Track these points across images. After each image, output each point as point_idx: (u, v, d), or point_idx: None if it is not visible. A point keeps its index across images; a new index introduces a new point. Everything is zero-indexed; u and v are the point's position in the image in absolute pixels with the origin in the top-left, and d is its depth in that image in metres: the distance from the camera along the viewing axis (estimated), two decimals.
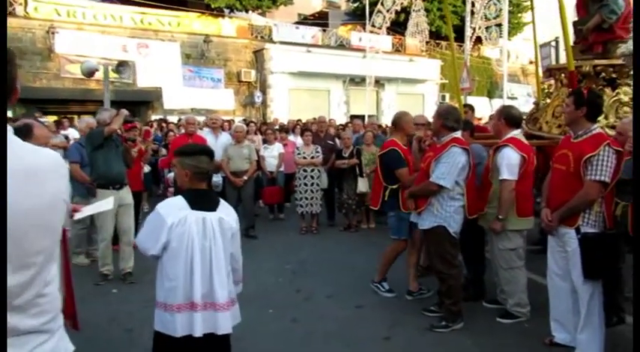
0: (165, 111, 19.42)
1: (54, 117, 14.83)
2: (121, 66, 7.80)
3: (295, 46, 23.00)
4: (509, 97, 18.51)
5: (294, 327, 4.24)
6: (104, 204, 4.18)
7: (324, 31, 25.77)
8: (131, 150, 5.29)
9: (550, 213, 3.52)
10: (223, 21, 22.85)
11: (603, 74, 4.93)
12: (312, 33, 24.68)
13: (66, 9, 19.12)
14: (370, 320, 4.34)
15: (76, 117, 16.07)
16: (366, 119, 18.13)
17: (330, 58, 23.22)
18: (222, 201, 2.74)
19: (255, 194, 8.01)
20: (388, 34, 26.10)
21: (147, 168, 8.39)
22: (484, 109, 21.52)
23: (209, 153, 2.74)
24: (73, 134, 10.15)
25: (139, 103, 20.15)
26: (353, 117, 18.98)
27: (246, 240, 7.20)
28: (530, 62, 32.92)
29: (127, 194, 5.42)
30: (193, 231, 2.56)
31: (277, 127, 10.79)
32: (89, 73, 7.93)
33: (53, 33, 18.22)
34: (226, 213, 2.71)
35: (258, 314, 4.50)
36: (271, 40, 22.94)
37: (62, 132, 10.52)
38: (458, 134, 4.15)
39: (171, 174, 7.98)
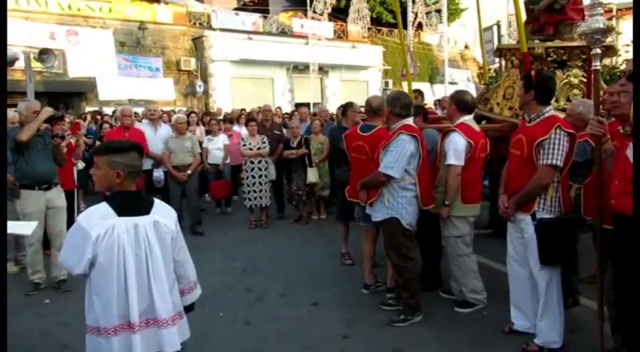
0: (100, 103, 18.40)
1: None
2: (45, 54, 7.18)
3: (236, 33, 22.38)
4: (450, 82, 18.80)
5: (247, 330, 3.99)
6: (23, 226, 3.67)
7: (265, 17, 25.24)
8: (60, 146, 4.79)
9: (507, 199, 3.45)
10: (159, 7, 21.87)
11: (554, 56, 4.91)
12: (252, 19, 24.08)
13: None
14: (326, 319, 4.16)
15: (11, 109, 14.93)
16: (312, 107, 17.96)
17: (272, 46, 22.78)
18: (156, 201, 2.42)
19: (200, 188, 7.65)
20: (330, 20, 25.96)
21: (81, 165, 7.80)
22: (427, 94, 21.82)
23: (139, 149, 2.42)
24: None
25: (72, 95, 19.06)
26: (298, 105, 18.72)
27: (192, 237, 6.91)
28: (466, 47, 33.77)
29: (57, 195, 4.92)
30: (124, 241, 2.23)
31: (221, 117, 10.36)
32: (9, 62, 7.23)
33: None
34: (162, 214, 2.39)
35: (207, 318, 4.22)
36: (210, 27, 22.20)
37: None
38: (409, 120, 4.00)
39: None
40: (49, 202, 4.84)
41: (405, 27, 18.70)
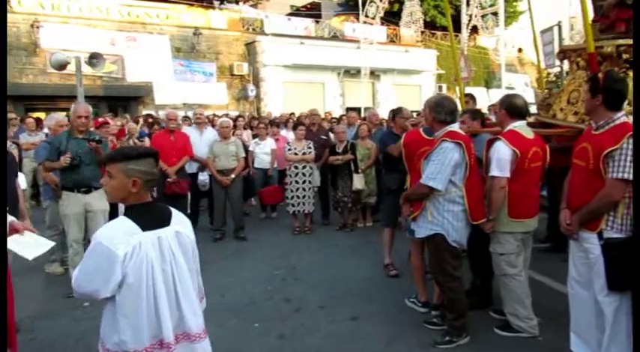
0: (156, 107, 18.91)
1: (42, 114, 14.33)
2: (94, 58, 7.31)
3: (288, 37, 22.47)
4: (507, 87, 18.06)
5: (281, 345, 3.80)
6: (33, 245, 3.05)
7: (317, 22, 25.23)
8: (99, 149, 4.77)
9: (570, 215, 3.10)
10: (213, 13, 22.29)
11: (626, 55, 4.44)
12: (304, 24, 24.13)
13: (50, 2, 18.53)
14: (365, 335, 3.90)
15: (63, 113, 15.57)
16: (362, 112, 17.70)
17: (323, 50, 22.71)
18: (173, 210, 2.27)
19: (245, 192, 7.58)
20: (382, 24, 25.63)
21: None
22: (482, 99, 21.09)
23: (155, 155, 2.25)
24: None
25: (130, 99, 19.69)
26: (349, 109, 18.53)
27: (234, 243, 6.85)
28: (520, 50, 32.46)
29: (95, 199, 4.87)
30: (152, 257, 2.07)
31: (268, 121, 10.31)
32: (60, 66, 7.46)
33: (38, 27, 17.66)
34: (181, 224, 2.24)
35: (241, 328, 4.08)
36: (263, 32, 22.40)
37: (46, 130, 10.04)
38: (454, 127, 3.67)
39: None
40: (88, 205, 4.84)
41: (459, 30, 18.10)
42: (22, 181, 4.83)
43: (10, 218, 3.05)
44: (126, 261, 2.00)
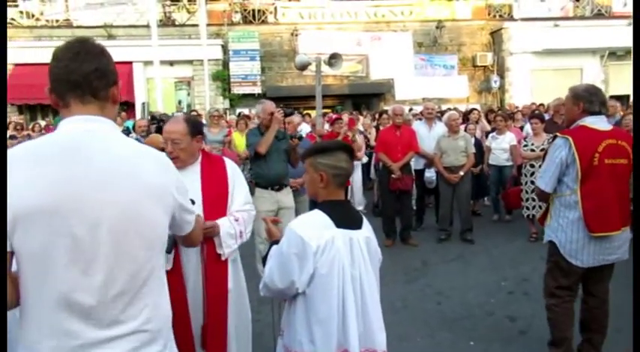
0: (396, 103, 19.33)
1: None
2: (333, 58, 7.68)
3: (540, 21, 20.33)
4: None
5: None
6: None
7: (578, 0, 22.20)
8: (297, 148, 4.86)
9: None
10: (458, 3, 21.57)
11: None
12: (560, 4, 21.46)
13: (308, 11, 20.54)
14: None
15: (313, 112, 17.12)
16: (631, 100, 14.90)
17: (583, 31, 19.82)
18: (363, 216, 2.11)
19: (477, 191, 7.05)
20: None
21: (365, 159, 8.13)
22: None
23: (349, 150, 2.10)
24: (306, 129, 10.42)
25: (372, 96, 20.56)
26: (612, 98, 15.81)
27: (460, 245, 6.39)
28: None
29: (285, 196, 4.96)
30: (343, 255, 1.94)
31: (507, 114, 9.40)
32: (302, 67, 8.06)
33: (297, 35, 19.77)
34: (371, 231, 2.08)
35: (454, 344, 3.69)
36: (512, 18, 20.76)
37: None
38: (589, 121, 3.05)
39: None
40: (280, 202, 4.92)
41: None
42: None
43: None
44: (317, 255, 1.91)
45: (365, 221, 2.10)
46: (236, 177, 2.74)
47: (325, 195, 2.05)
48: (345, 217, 2.03)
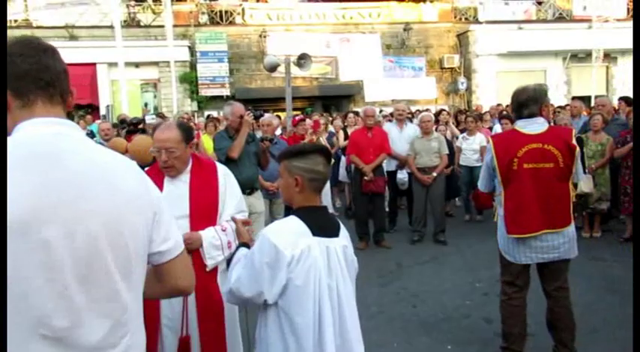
0: (365, 104, 19.36)
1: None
2: (302, 59, 7.61)
3: (504, 24, 20.73)
4: None
5: None
6: None
7: (540, 3, 22.73)
8: (267, 150, 4.75)
9: None
10: (425, 6, 21.81)
11: None
12: (524, 8, 21.94)
13: (276, 13, 20.40)
14: None
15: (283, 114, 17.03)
16: (592, 100, 15.33)
17: (546, 34, 20.30)
18: (340, 223, 2.02)
19: (448, 191, 7.06)
20: None
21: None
22: None
23: (326, 153, 2.01)
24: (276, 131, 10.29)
25: (342, 97, 20.57)
26: (574, 98, 16.22)
27: (433, 247, 6.37)
28: None
29: (257, 200, 4.81)
30: (320, 266, 1.84)
31: (476, 115, 9.48)
32: (271, 68, 7.95)
33: (265, 36, 19.59)
34: (348, 239, 1.99)
35: (433, 349, 3.64)
36: (477, 21, 21.11)
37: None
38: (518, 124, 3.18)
39: None
40: (251, 207, 4.67)
41: None
42: None
43: None
44: (292, 265, 1.80)
45: (342, 228, 2.01)
46: (228, 184, 2.62)
47: (301, 200, 1.95)
48: (321, 224, 1.93)
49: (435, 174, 6.43)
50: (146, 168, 2.58)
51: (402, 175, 6.88)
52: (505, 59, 20.37)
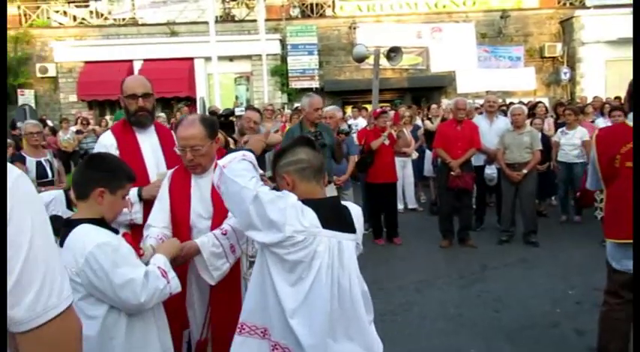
0: (457, 96, 18.67)
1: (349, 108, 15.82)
2: (393, 52, 7.41)
3: (615, 8, 18.98)
4: None
5: None
6: None
7: None
8: (342, 143, 4.61)
9: None
10: None
11: None
12: None
13: (366, 4, 20.22)
14: None
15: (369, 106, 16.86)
16: None
17: None
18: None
19: (542, 190, 6.60)
20: None
21: (415, 155, 7.87)
22: None
23: (306, 140, 1.88)
24: (362, 123, 10.21)
25: (433, 89, 20.02)
26: None
27: (523, 248, 5.98)
28: None
29: (329, 193, 4.68)
30: (324, 261, 1.69)
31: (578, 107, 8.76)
32: (360, 59, 7.85)
33: (355, 28, 19.50)
34: (361, 236, 1.87)
35: None
36: (584, 6, 19.54)
37: (351, 121, 10.89)
38: None
39: None
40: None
41: None
42: None
43: None
44: (288, 244, 1.66)
45: (359, 224, 1.87)
46: None
47: (302, 194, 1.78)
48: (334, 217, 1.78)
49: (524, 171, 6.02)
50: (171, 171, 2.48)
51: (491, 170, 6.52)
52: (615, 47, 18.66)
